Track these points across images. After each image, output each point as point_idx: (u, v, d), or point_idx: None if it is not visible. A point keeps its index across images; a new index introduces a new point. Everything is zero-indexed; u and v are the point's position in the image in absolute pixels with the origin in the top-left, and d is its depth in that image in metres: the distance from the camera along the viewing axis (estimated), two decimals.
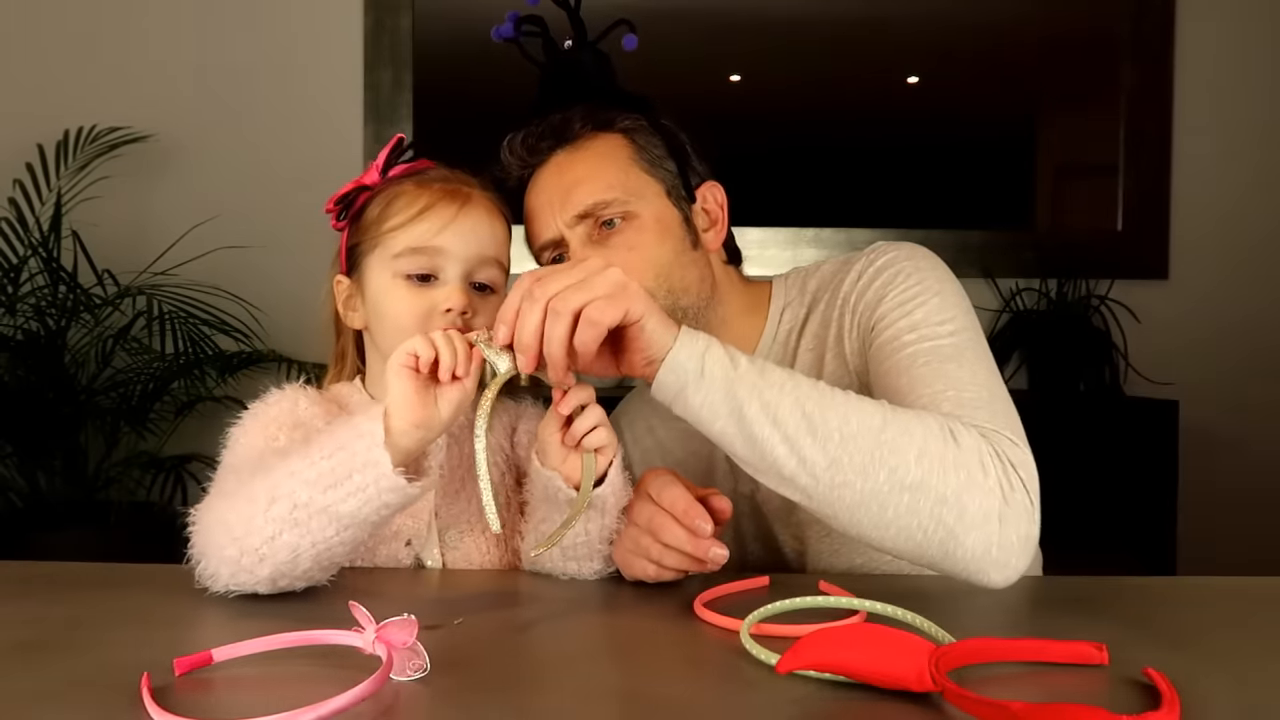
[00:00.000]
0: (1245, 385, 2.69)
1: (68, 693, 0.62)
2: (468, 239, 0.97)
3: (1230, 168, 2.72)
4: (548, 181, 1.06)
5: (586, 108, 1.07)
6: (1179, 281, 2.71)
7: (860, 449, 0.77)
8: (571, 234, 1.04)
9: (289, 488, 0.78)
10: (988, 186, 2.75)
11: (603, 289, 0.78)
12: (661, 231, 1.04)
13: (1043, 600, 0.83)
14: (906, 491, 0.76)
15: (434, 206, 0.96)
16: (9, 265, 2.37)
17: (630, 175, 1.05)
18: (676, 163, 1.08)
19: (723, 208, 1.11)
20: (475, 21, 2.75)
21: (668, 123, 1.10)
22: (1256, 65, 2.72)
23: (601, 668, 0.67)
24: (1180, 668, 0.62)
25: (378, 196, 1.00)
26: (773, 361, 1.06)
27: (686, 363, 0.79)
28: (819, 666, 0.60)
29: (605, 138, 1.06)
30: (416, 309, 0.95)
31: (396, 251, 0.96)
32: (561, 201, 1.04)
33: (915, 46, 2.70)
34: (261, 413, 0.95)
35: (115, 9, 2.66)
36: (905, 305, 0.98)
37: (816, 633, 0.62)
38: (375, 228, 0.98)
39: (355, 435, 0.78)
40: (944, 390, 0.88)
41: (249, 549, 0.79)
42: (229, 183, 2.65)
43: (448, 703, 0.61)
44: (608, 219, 1.03)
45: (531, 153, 1.07)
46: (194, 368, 2.39)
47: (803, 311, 1.10)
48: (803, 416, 0.77)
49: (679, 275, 1.04)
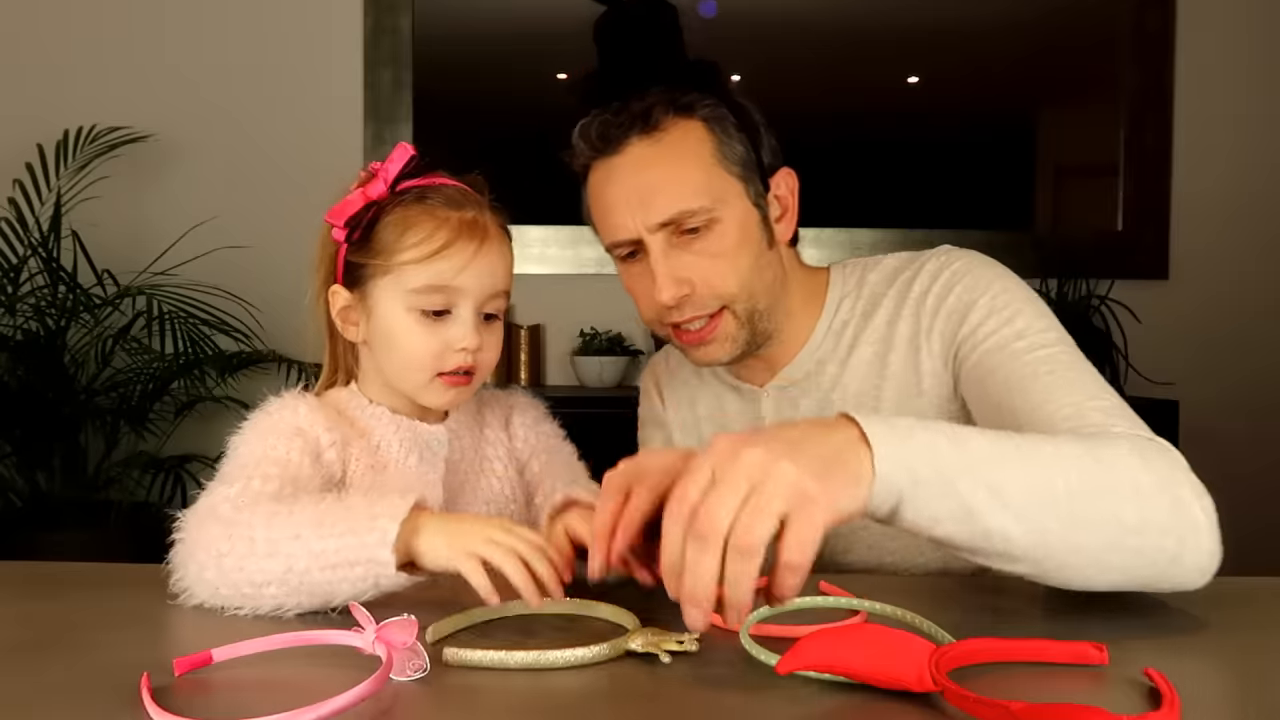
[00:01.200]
0: (1245, 385, 2.69)
1: (67, 693, 0.62)
2: (484, 278, 0.96)
3: (1230, 168, 2.72)
4: (626, 176, 1.02)
5: (665, 92, 1.02)
6: (1179, 281, 2.71)
7: (1087, 504, 0.71)
8: (652, 239, 1.00)
9: (289, 549, 0.77)
10: (988, 186, 2.75)
11: (783, 500, 0.62)
12: (743, 237, 1.02)
13: (1042, 600, 0.83)
14: (1134, 534, 0.72)
15: (453, 244, 0.94)
16: (9, 265, 2.37)
17: (713, 177, 1.01)
18: (753, 148, 1.04)
19: (793, 194, 1.09)
20: (475, 21, 2.75)
21: (742, 100, 1.06)
22: (1257, 65, 2.72)
23: (601, 667, 0.67)
24: (1180, 668, 0.62)
25: (389, 217, 0.96)
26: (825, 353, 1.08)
27: (896, 479, 0.66)
28: (819, 667, 0.60)
29: (685, 125, 1.02)
30: (431, 346, 0.95)
31: (414, 286, 0.94)
32: (641, 204, 1.00)
33: (915, 46, 2.70)
34: (261, 422, 0.94)
35: (115, 9, 2.66)
36: (1002, 312, 0.98)
37: (817, 633, 0.62)
38: (389, 255, 0.95)
39: (369, 525, 0.76)
40: (1084, 400, 0.87)
41: (232, 585, 0.77)
42: (229, 183, 2.65)
43: (448, 703, 0.61)
44: (691, 226, 1.00)
45: (606, 141, 1.02)
46: (194, 368, 2.39)
47: (862, 305, 1.09)
48: (1029, 487, 0.69)
49: (758, 279, 1.03)
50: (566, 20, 2.63)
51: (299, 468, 0.90)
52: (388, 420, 0.99)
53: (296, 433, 0.92)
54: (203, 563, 0.79)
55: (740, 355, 1.06)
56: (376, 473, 0.96)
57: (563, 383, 2.71)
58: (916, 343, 1.04)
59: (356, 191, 0.97)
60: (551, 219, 2.61)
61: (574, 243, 2.66)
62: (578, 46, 2.66)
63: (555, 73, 2.71)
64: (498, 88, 2.73)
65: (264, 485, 0.86)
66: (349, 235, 0.97)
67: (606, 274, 2.80)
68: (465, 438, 1.05)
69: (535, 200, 2.78)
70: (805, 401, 1.09)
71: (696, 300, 1.01)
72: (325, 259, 1.01)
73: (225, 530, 0.79)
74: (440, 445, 1.01)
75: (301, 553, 0.76)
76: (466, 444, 1.05)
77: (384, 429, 0.99)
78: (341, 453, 0.95)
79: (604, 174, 1.03)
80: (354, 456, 0.96)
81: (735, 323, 1.03)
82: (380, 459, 0.97)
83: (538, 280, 2.65)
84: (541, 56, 2.69)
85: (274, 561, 0.76)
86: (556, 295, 2.66)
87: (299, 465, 0.90)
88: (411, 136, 2.66)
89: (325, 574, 0.76)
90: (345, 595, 0.76)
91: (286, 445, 0.91)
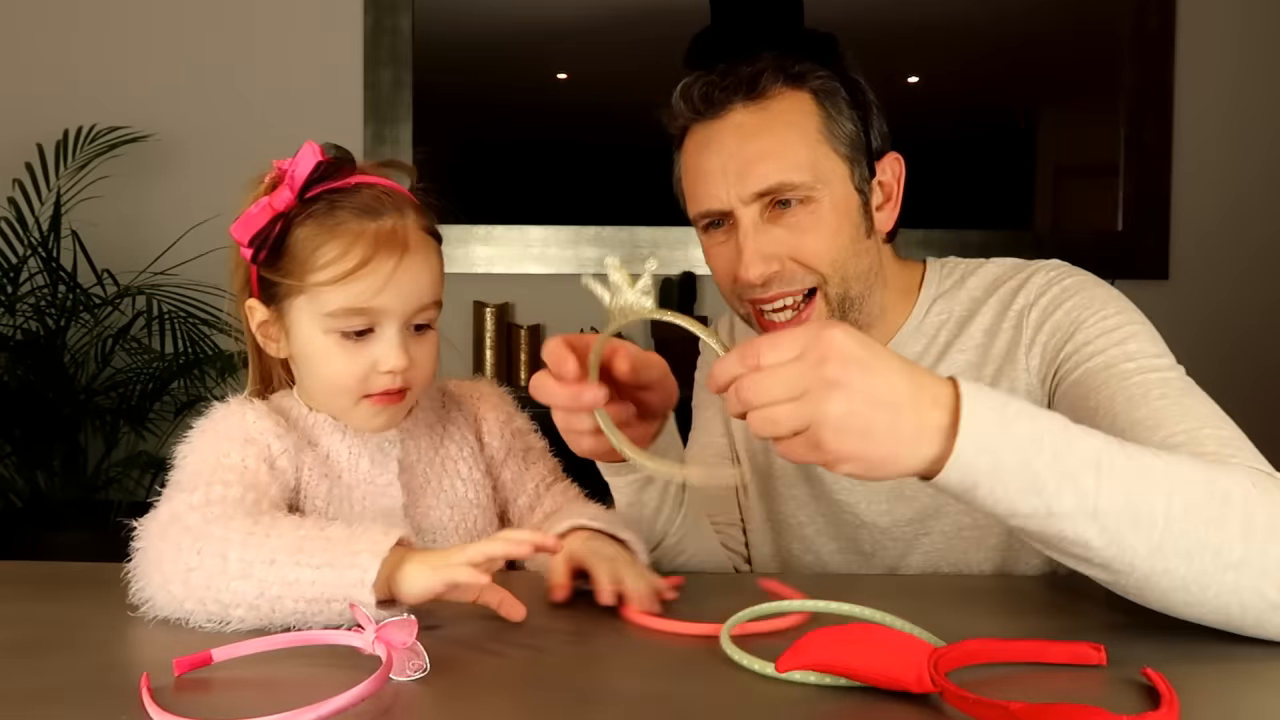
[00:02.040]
0: (1245, 385, 2.69)
1: (67, 693, 0.62)
2: (408, 293, 0.88)
3: (1230, 168, 2.72)
4: (726, 143, 0.95)
5: (776, 59, 0.96)
6: (1179, 281, 2.71)
7: (1185, 531, 0.67)
8: (745, 210, 0.95)
9: (263, 574, 0.73)
10: (987, 186, 2.75)
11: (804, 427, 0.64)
12: (839, 220, 0.97)
13: (1041, 600, 0.83)
14: (1230, 570, 0.68)
15: (371, 261, 0.86)
16: (9, 265, 2.37)
17: (818, 154, 0.96)
18: (864, 129, 0.99)
19: (899, 182, 1.04)
20: (475, 21, 2.75)
21: (857, 76, 1.00)
22: (1257, 65, 2.72)
23: (601, 668, 0.67)
24: (1179, 668, 0.62)
25: (299, 230, 0.88)
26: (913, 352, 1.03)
27: (976, 460, 0.64)
28: (818, 666, 0.60)
29: (794, 96, 0.96)
30: (354, 370, 0.89)
31: (330, 310, 0.87)
32: (740, 173, 0.94)
33: (915, 46, 2.70)
34: (209, 429, 0.90)
35: (116, 9, 2.67)
36: (1113, 333, 0.94)
37: (816, 632, 0.62)
38: (301, 274, 0.88)
39: (349, 562, 0.72)
40: (1199, 428, 0.83)
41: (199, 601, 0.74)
42: (229, 183, 2.62)
43: (448, 703, 0.61)
44: (785, 199, 0.95)
45: (709, 104, 0.96)
46: (194, 368, 2.39)
47: (959, 310, 1.05)
48: (1125, 503, 0.66)
49: (852, 265, 0.98)
50: (566, 20, 2.64)
51: (256, 474, 0.86)
52: (331, 427, 0.94)
53: (248, 441, 0.88)
54: (168, 575, 0.75)
55: None
56: (331, 482, 0.92)
57: None
58: (1014, 356, 1.00)
59: (262, 203, 0.88)
60: (551, 219, 2.61)
61: (574, 243, 2.66)
62: (578, 46, 2.68)
63: (555, 72, 2.71)
64: (498, 87, 2.73)
65: (226, 490, 0.82)
66: (255, 255, 0.89)
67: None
68: (423, 437, 0.99)
69: (535, 200, 2.79)
70: None
71: (785, 276, 0.96)
72: (239, 271, 0.95)
73: (194, 543, 0.76)
74: (391, 446, 0.95)
75: (275, 579, 0.73)
76: (424, 444, 0.99)
77: (329, 437, 0.94)
78: (294, 460, 0.90)
79: (703, 138, 0.97)
80: (306, 465, 0.91)
81: (827, 309, 0.98)
82: (332, 467, 0.93)
83: (538, 280, 2.65)
84: (542, 56, 2.69)
85: (247, 584, 0.73)
86: (556, 295, 2.66)
87: (255, 472, 0.86)
88: (411, 136, 2.66)
89: (300, 605, 0.73)
90: (319, 623, 0.73)
91: (241, 453, 0.87)
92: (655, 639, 0.73)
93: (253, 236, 0.88)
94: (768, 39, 0.98)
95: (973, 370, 1.02)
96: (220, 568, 0.74)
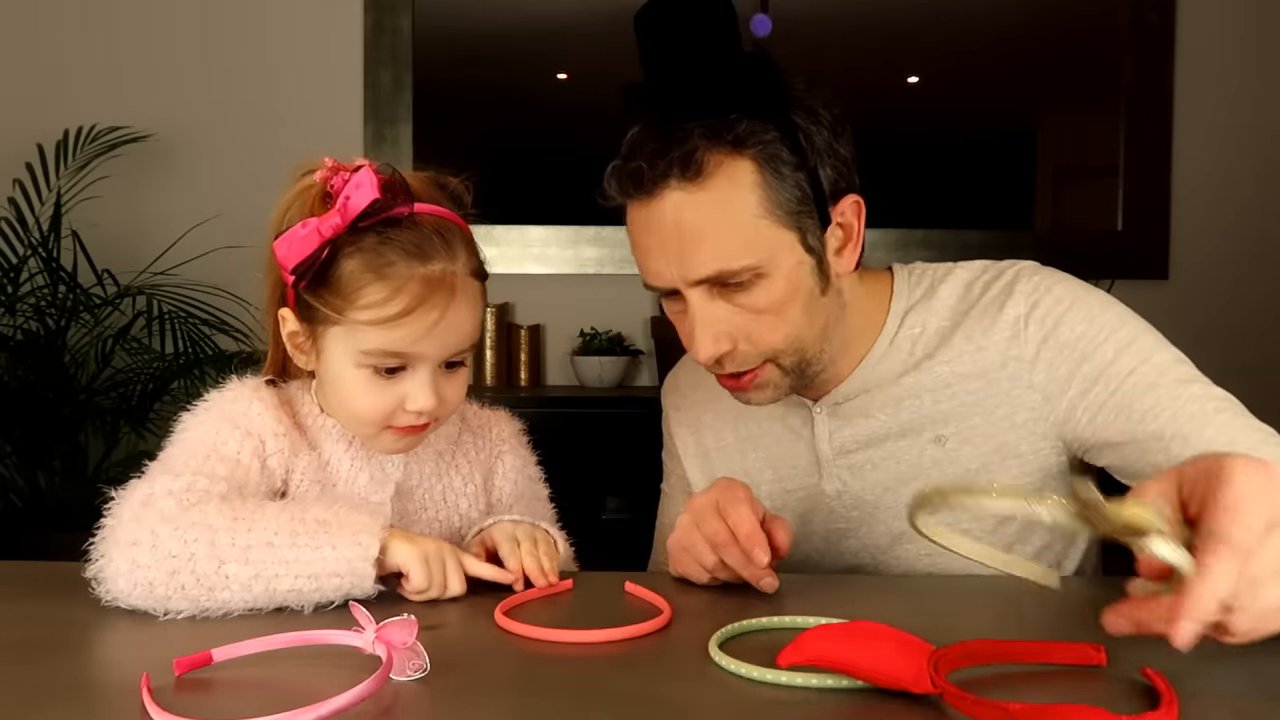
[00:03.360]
0: (1245, 385, 2.69)
1: (68, 693, 0.62)
2: (448, 341, 0.87)
3: (1231, 168, 2.72)
4: (664, 227, 0.92)
5: (709, 127, 0.90)
6: (1179, 281, 2.71)
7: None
8: (691, 292, 0.93)
9: (262, 556, 0.77)
10: (988, 186, 2.75)
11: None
12: (792, 291, 0.94)
13: (1042, 601, 0.83)
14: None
15: (415, 311, 0.84)
16: (9, 265, 2.37)
17: (760, 231, 0.91)
18: (811, 182, 0.93)
19: (860, 219, 0.98)
20: (475, 21, 2.75)
21: (801, 120, 0.94)
22: (1257, 65, 2.72)
23: (600, 669, 0.67)
24: (1179, 668, 0.62)
25: (346, 262, 0.85)
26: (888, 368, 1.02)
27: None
28: (819, 662, 0.60)
29: (732, 167, 0.91)
30: (381, 405, 0.88)
31: (366, 349, 0.86)
32: (679, 257, 0.91)
33: (915, 46, 2.70)
34: (216, 408, 0.91)
35: (115, 9, 2.66)
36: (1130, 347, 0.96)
37: (818, 629, 0.62)
38: (341, 306, 0.85)
39: (351, 540, 0.79)
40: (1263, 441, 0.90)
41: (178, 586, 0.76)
42: (229, 183, 2.65)
43: (448, 703, 0.61)
44: (734, 282, 0.92)
45: (639, 186, 0.92)
46: (194, 368, 2.39)
47: (935, 321, 1.02)
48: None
49: (807, 332, 0.96)
50: (567, 20, 2.64)
51: (248, 471, 0.87)
52: (338, 435, 0.93)
53: (247, 433, 0.89)
54: (140, 561, 0.77)
55: (785, 396, 1.00)
56: (322, 488, 0.92)
57: (563, 383, 2.71)
58: (1014, 371, 0.98)
59: (310, 226, 0.84)
60: (551, 219, 2.61)
61: (574, 243, 2.66)
62: (578, 46, 2.68)
63: (556, 72, 2.71)
64: (498, 87, 2.73)
65: (211, 485, 0.83)
66: (296, 282, 0.86)
67: (606, 274, 2.81)
68: (428, 463, 0.98)
69: (535, 200, 2.79)
70: (862, 420, 1.03)
71: (738, 357, 0.95)
72: (274, 278, 0.92)
73: (175, 530, 0.78)
74: (394, 468, 0.95)
75: (272, 560, 0.77)
76: (428, 469, 0.98)
77: (333, 444, 0.93)
78: (285, 461, 0.90)
79: (641, 218, 0.94)
80: (299, 469, 0.91)
81: (779, 373, 0.97)
82: (327, 475, 0.93)
83: (538, 280, 2.65)
84: (542, 56, 2.69)
85: (243, 568, 0.77)
86: (556, 295, 2.66)
87: (248, 469, 0.87)
88: (411, 136, 2.66)
89: (300, 582, 0.77)
90: (311, 604, 0.78)
91: (238, 445, 0.88)
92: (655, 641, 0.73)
93: (298, 264, 0.84)
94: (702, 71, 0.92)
95: (959, 381, 1.00)
96: (209, 553, 0.77)
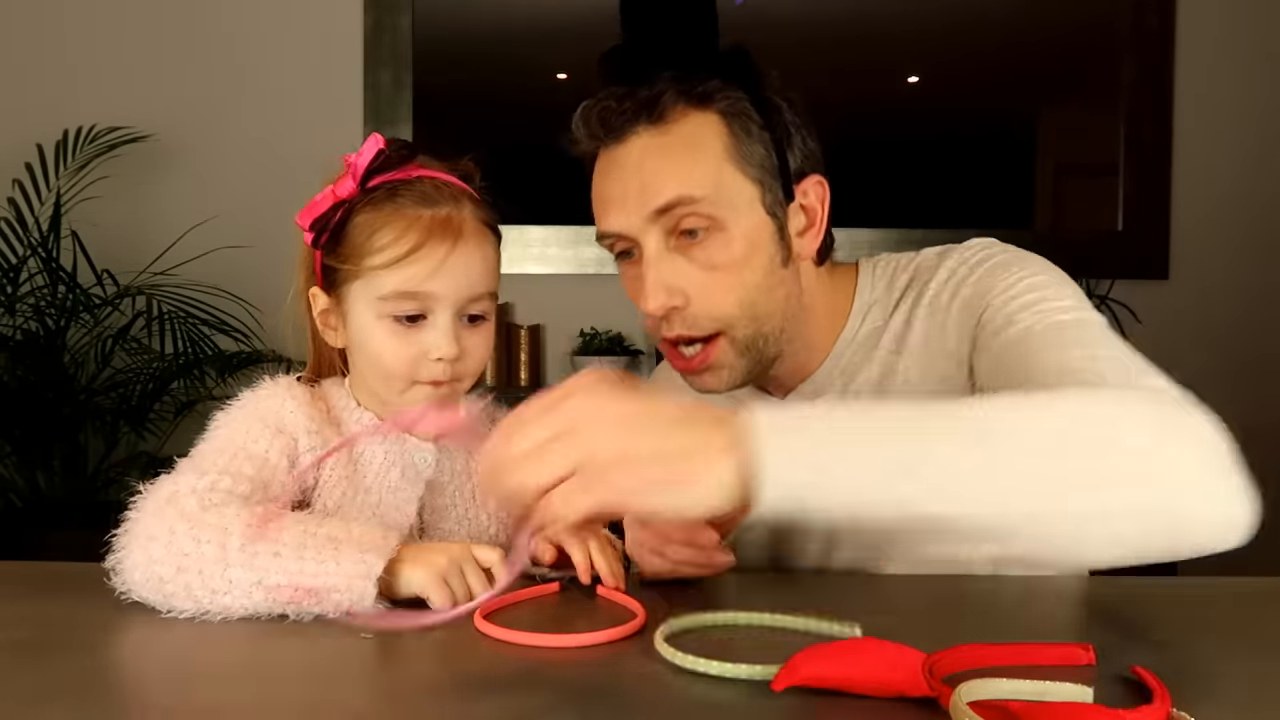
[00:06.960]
0: (1245, 385, 2.69)
1: (68, 693, 0.62)
2: (459, 280, 0.90)
3: (1230, 168, 2.72)
4: (625, 169, 0.92)
5: (679, 79, 0.91)
6: (1179, 281, 2.71)
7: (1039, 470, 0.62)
8: (646, 234, 0.91)
9: (266, 564, 0.77)
10: (988, 186, 2.75)
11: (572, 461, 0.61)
12: (750, 250, 0.91)
13: (1032, 601, 0.83)
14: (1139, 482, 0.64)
15: (424, 246, 0.88)
16: (8, 265, 2.37)
17: (723, 174, 0.91)
18: (777, 152, 0.93)
19: (824, 204, 0.97)
20: (475, 21, 2.75)
21: (773, 95, 0.94)
22: (1257, 65, 2.72)
23: (600, 668, 0.67)
24: (1169, 666, 0.62)
25: (358, 216, 0.91)
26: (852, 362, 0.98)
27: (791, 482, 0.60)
28: (814, 682, 0.60)
29: (699, 117, 0.91)
30: (405, 355, 0.90)
31: (384, 293, 0.89)
32: (639, 193, 0.90)
33: (915, 46, 2.70)
34: (249, 406, 0.92)
35: (115, 9, 2.67)
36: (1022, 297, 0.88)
37: (809, 649, 0.61)
38: (357, 258, 0.90)
39: (356, 557, 0.77)
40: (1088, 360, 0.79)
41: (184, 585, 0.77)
42: (229, 183, 2.65)
43: (448, 702, 0.61)
44: (690, 228, 0.90)
45: (608, 129, 0.92)
46: (194, 368, 2.39)
47: (889, 310, 1.00)
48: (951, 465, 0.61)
49: (764, 300, 0.93)
50: (567, 20, 2.64)
51: (275, 471, 0.88)
52: (372, 430, 0.95)
53: (279, 431, 0.90)
54: (155, 555, 0.77)
55: (741, 384, 0.97)
56: (352, 484, 0.92)
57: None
58: (930, 346, 0.95)
59: (325, 191, 0.91)
60: (552, 219, 2.62)
61: (574, 243, 2.66)
62: (578, 46, 2.68)
63: (556, 72, 2.71)
64: (498, 87, 2.73)
65: (235, 485, 0.84)
66: (316, 239, 0.92)
67: (606, 274, 2.81)
68: (459, 461, 0.98)
69: (536, 200, 2.79)
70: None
71: (688, 317, 0.92)
72: (305, 260, 0.97)
73: (190, 529, 0.78)
74: (425, 465, 0.95)
75: (277, 569, 0.76)
76: (459, 468, 0.99)
77: (366, 438, 0.94)
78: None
79: (606, 163, 0.94)
80: (329, 465, 0.92)
81: (733, 351, 0.93)
82: (359, 470, 0.93)
83: (538, 280, 2.65)
84: (542, 56, 2.69)
85: (247, 573, 0.76)
86: (556, 295, 2.66)
87: (275, 468, 0.88)
88: (411, 136, 2.66)
89: (300, 594, 0.76)
90: (311, 617, 0.77)
91: (268, 443, 0.89)
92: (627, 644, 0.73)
93: (314, 221, 0.91)
94: (680, 54, 0.93)
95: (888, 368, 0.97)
96: (218, 555, 0.77)
